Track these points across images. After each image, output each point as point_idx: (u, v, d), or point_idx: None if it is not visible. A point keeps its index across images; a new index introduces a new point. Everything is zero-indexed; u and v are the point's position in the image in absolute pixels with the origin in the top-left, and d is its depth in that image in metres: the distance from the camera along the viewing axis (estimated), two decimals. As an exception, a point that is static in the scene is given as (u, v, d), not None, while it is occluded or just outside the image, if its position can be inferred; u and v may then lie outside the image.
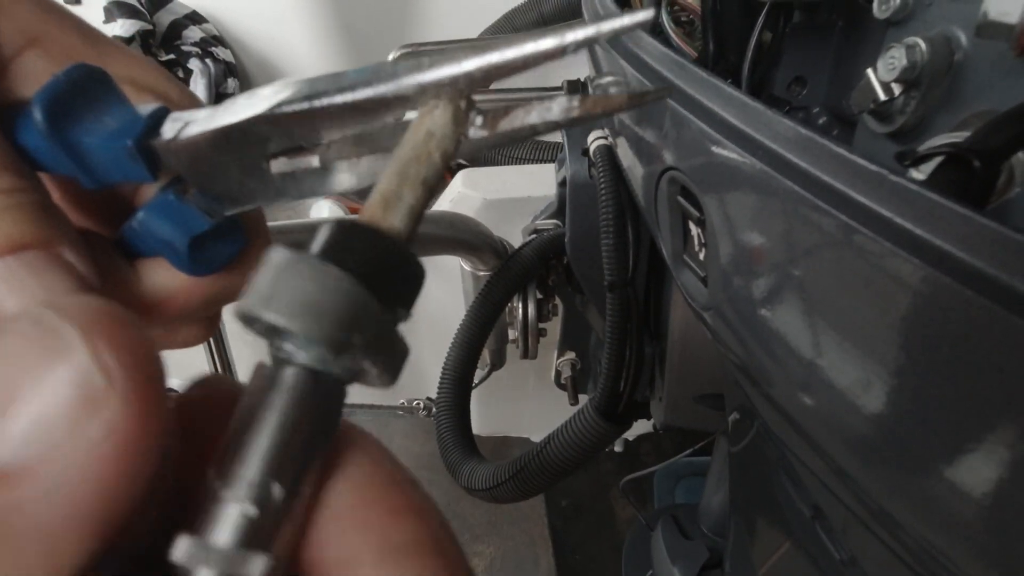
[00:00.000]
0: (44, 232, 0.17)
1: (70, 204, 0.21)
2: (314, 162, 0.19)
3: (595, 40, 0.15)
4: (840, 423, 0.23)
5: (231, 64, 1.58)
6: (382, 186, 0.16)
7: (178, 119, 0.19)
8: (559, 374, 0.90)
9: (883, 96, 0.31)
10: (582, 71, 0.59)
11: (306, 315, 0.13)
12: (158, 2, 1.48)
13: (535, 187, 1.02)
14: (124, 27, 1.39)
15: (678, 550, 0.79)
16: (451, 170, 1.20)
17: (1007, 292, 0.16)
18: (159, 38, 1.48)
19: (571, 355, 0.90)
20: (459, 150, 0.17)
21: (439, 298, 1.08)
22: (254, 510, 0.13)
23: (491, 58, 0.16)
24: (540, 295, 0.86)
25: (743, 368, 0.30)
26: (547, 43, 0.15)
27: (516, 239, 0.87)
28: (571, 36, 0.15)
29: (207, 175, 0.19)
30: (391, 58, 1.02)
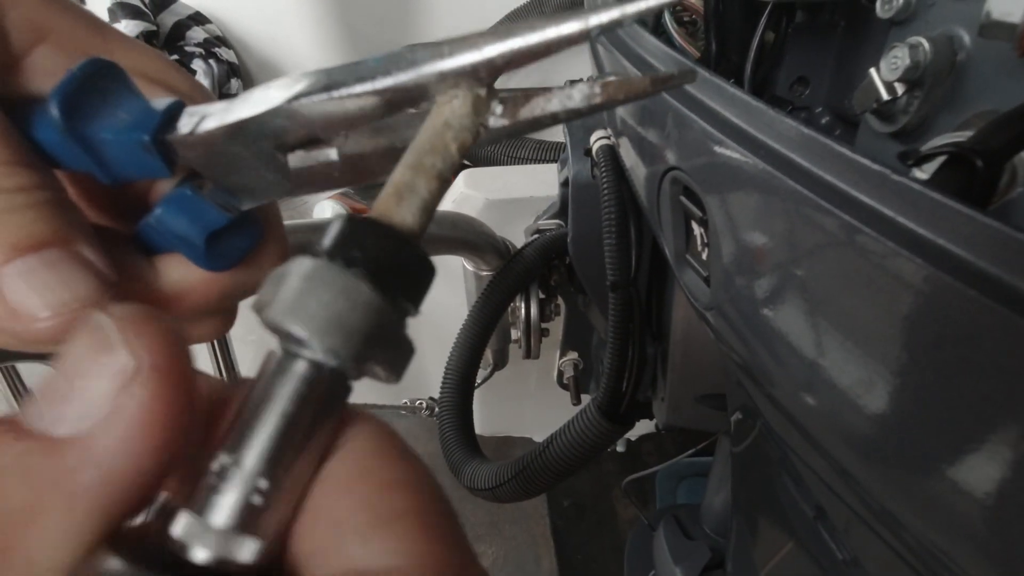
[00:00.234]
0: (62, 230, 0.17)
1: (87, 201, 0.21)
2: (332, 155, 0.18)
3: (620, 23, 0.15)
4: (842, 423, 0.23)
5: (234, 65, 1.58)
6: (395, 177, 0.15)
7: (194, 113, 0.19)
8: (561, 374, 0.90)
9: (886, 96, 0.31)
10: (583, 71, 0.59)
11: (334, 331, 0.13)
12: (162, 3, 1.48)
13: (537, 187, 1.02)
14: (128, 28, 1.40)
15: (680, 550, 0.79)
16: (454, 170, 1.20)
17: (1009, 292, 0.16)
18: (163, 39, 1.49)
19: (573, 355, 0.90)
20: (479, 140, 0.16)
21: (442, 298, 1.08)
22: (253, 496, 0.13)
23: (513, 43, 0.15)
24: (543, 295, 0.86)
25: (745, 368, 0.30)
26: (570, 27, 0.15)
27: (519, 239, 0.87)
28: (595, 19, 0.14)
29: (224, 169, 0.19)
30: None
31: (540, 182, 1.04)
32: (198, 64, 1.49)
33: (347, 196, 1.37)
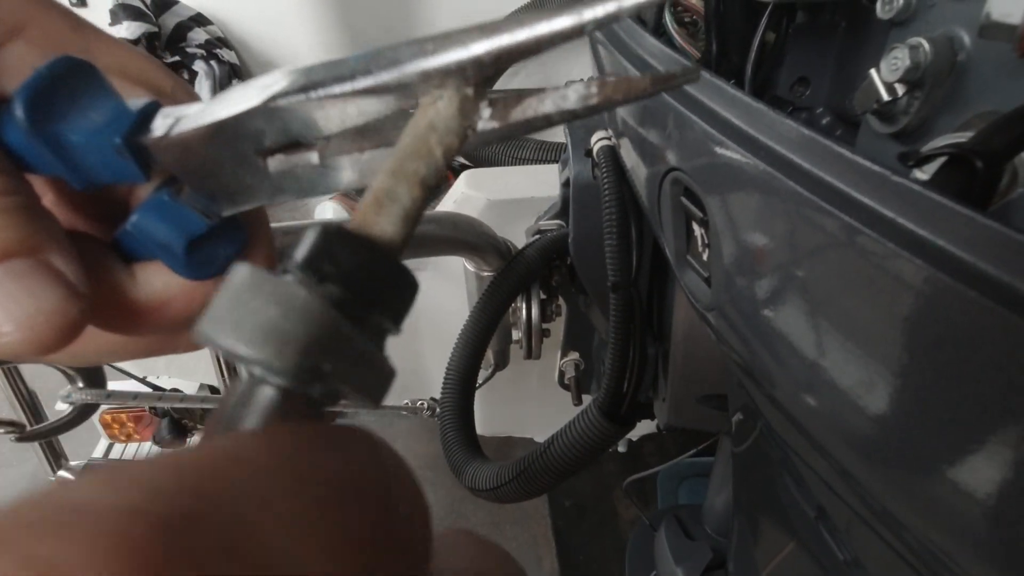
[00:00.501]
0: (31, 238, 0.16)
1: (63, 206, 0.20)
2: (313, 159, 0.17)
3: (616, 17, 0.14)
4: (843, 423, 0.23)
5: (236, 66, 1.59)
6: (376, 184, 0.14)
7: (169, 114, 0.18)
8: (563, 374, 0.90)
9: (886, 96, 0.31)
10: (587, 73, 0.59)
11: (267, 343, 0.12)
12: (163, 4, 1.49)
13: (538, 188, 1.02)
14: (130, 29, 1.40)
15: (682, 551, 0.79)
16: (454, 171, 1.20)
17: (1010, 292, 0.16)
18: (164, 40, 1.49)
19: (575, 355, 0.90)
20: (466, 144, 0.15)
21: (442, 299, 1.08)
22: None
23: (501, 40, 0.14)
24: (544, 296, 0.86)
25: (746, 368, 0.30)
26: (563, 22, 0.14)
27: (519, 240, 0.87)
28: (589, 13, 0.13)
29: (201, 173, 0.18)
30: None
31: (541, 183, 1.04)
32: (199, 65, 1.49)
33: (348, 197, 1.37)
